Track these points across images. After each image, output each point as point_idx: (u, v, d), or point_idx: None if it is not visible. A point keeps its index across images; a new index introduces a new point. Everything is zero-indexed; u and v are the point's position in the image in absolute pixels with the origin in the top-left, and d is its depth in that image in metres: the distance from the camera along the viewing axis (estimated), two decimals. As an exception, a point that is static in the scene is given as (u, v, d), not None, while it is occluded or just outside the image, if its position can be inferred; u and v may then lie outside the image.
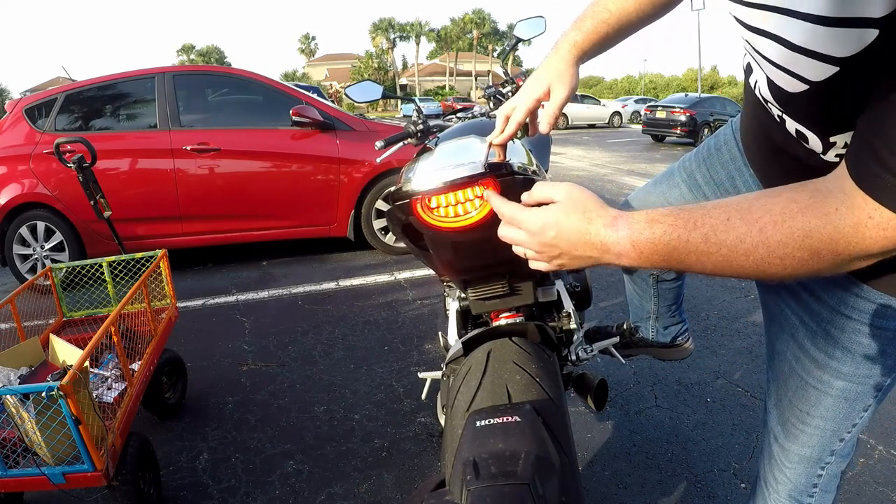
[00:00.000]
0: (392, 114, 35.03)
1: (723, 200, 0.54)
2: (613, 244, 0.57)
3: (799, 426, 0.77)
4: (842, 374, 0.70)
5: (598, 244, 0.58)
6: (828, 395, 0.72)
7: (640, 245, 0.55)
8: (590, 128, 19.62)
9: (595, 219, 0.58)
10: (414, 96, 37.97)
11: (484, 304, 1.08)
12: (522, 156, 1.02)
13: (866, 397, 0.71)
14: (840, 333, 0.69)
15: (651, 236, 0.54)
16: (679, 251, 0.53)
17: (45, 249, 3.49)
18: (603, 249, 0.58)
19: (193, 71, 4.37)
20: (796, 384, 0.76)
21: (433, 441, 1.78)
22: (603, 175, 7.69)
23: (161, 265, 1.93)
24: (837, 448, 0.77)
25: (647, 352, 1.53)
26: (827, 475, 0.80)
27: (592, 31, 0.83)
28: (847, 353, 0.69)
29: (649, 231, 0.54)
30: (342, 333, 2.64)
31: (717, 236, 0.51)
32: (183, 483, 1.63)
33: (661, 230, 0.54)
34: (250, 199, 3.69)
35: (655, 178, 1.17)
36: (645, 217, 0.55)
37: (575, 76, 0.83)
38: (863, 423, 0.74)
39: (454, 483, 0.69)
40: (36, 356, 1.65)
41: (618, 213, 0.58)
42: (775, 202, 0.51)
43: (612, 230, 0.57)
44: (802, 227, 0.49)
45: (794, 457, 0.80)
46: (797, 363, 0.75)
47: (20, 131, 3.54)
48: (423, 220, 0.89)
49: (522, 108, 0.84)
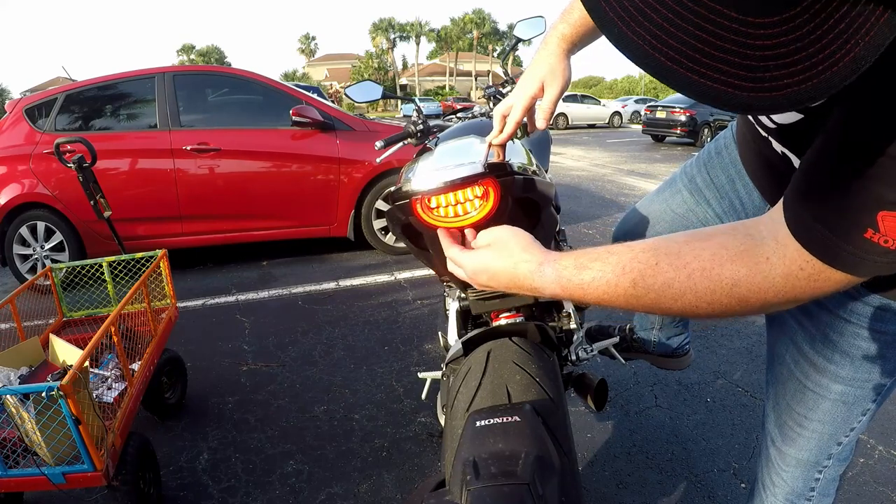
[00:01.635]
0: (392, 114, 35.03)
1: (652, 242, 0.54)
2: (542, 288, 0.58)
3: (796, 429, 0.77)
4: (840, 378, 0.70)
5: (529, 287, 0.59)
6: (826, 399, 0.72)
7: (570, 289, 0.56)
8: (590, 128, 19.62)
9: (520, 264, 0.60)
10: (414, 96, 37.95)
11: (484, 304, 1.08)
12: (522, 156, 1.02)
13: (865, 401, 0.71)
14: (839, 337, 0.68)
15: (580, 282, 0.55)
16: (609, 294, 0.53)
17: (45, 249, 3.49)
18: (536, 291, 0.59)
19: (193, 71, 4.37)
20: (794, 387, 0.75)
21: (433, 441, 1.78)
22: (603, 175, 7.69)
23: (161, 265, 1.93)
24: (835, 452, 0.76)
25: (646, 358, 1.52)
26: (824, 479, 0.79)
27: (580, 22, 0.82)
28: (846, 356, 0.68)
29: (577, 277, 0.55)
30: (342, 333, 2.64)
31: (645, 281, 0.51)
32: (183, 483, 1.63)
33: (590, 276, 0.54)
34: (250, 199, 3.69)
35: (659, 186, 1.17)
36: (573, 262, 0.56)
37: (567, 69, 0.83)
38: (861, 427, 0.74)
39: (454, 483, 0.69)
40: (36, 356, 1.65)
41: (544, 258, 0.59)
42: (705, 247, 0.50)
43: (538, 276, 0.58)
44: (731, 276, 0.48)
45: (791, 460, 0.79)
46: (796, 367, 0.74)
47: (20, 131, 3.54)
48: (423, 219, 0.89)
49: (519, 106, 0.83)
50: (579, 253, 0.57)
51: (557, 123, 18.77)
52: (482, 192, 0.87)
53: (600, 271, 0.54)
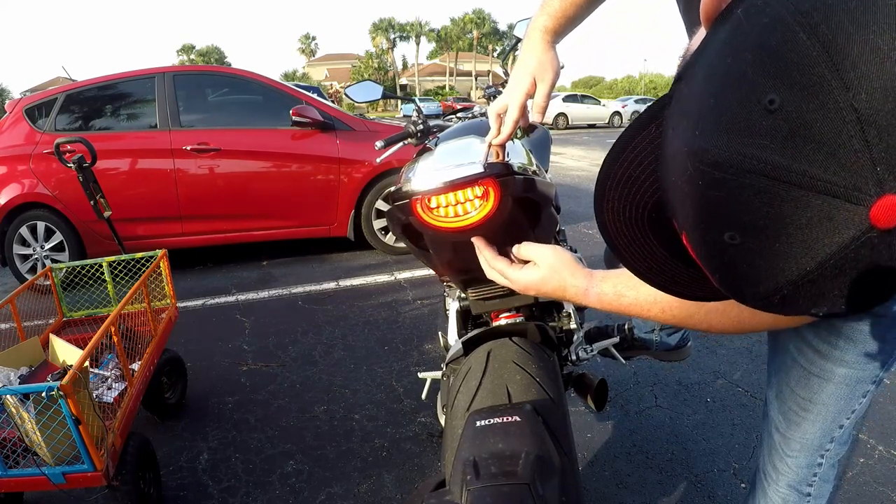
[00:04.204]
0: (392, 114, 35.03)
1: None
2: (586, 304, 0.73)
3: (801, 413, 0.79)
4: (844, 362, 0.72)
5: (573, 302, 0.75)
6: (830, 383, 0.74)
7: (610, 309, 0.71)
8: (590, 128, 19.61)
9: (569, 288, 0.73)
10: (414, 96, 37.94)
11: (484, 304, 1.08)
12: (522, 156, 1.02)
13: (866, 383, 0.74)
14: (842, 322, 0.71)
15: (619, 305, 0.69)
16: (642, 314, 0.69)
17: (45, 249, 3.49)
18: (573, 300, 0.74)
19: (193, 71, 4.37)
20: (798, 374, 0.77)
21: (433, 441, 1.78)
22: (603, 175, 7.68)
23: (161, 265, 1.93)
24: (837, 435, 0.79)
25: (648, 354, 1.54)
26: (826, 463, 0.82)
27: (560, 12, 0.84)
28: (849, 341, 0.71)
29: (616, 302, 0.69)
30: (342, 333, 2.64)
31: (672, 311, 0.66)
32: (183, 483, 1.63)
33: (627, 302, 0.69)
34: (250, 199, 3.69)
35: None
36: (612, 291, 0.69)
37: (555, 59, 0.85)
38: (861, 409, 0.76)
39: (454, 483, 0.69)
40: (36, 356, 1.65)
41: (588, 284, 0.72)
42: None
43: (583, 298, 0.72)
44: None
45: (796, 444, 0.81)
46: (799, 354, 0.76)
47: (20, 131, 3.54)
48: (424, 220, 0.89)
49: (515, 105, 0.84)
50: (615, 281, 0.70)
51: (557, 123, 18.76)
52: (482, 193, 0.87)
53: (635, 300, 0.68)
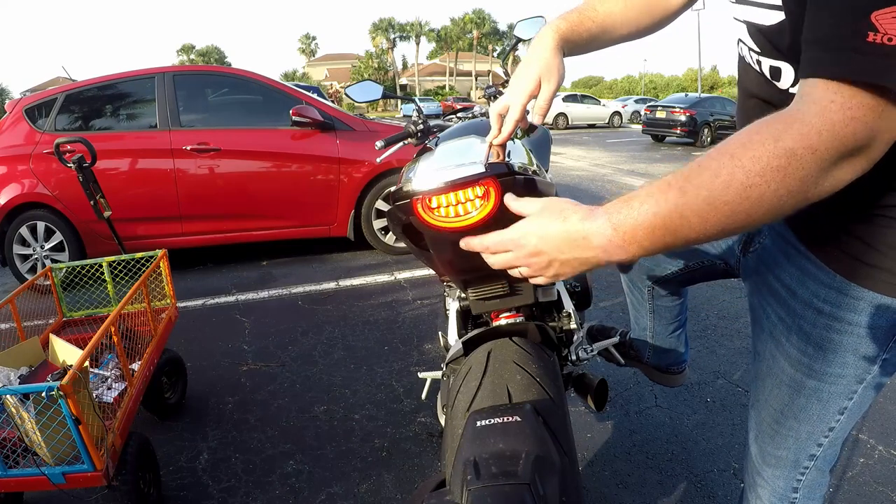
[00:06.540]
0: (392, 114, 35.02)
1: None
2: (595, 234, 0.57)
3: (774, 426, 0.77)
4: (813, 373, 0.71)
5: (580, 238, 0.58)
6: (800, 395, 0.73)
7: (623, 226, 0.55)
8: (590, 128, 19.62)
9: (571, 215, 0.59)
10: (414, 96, 37.94)
11: (484, 304, 1.08)
12: (523, 156, 1.02)
13: (840, 399, 0.71)
14: (811, 328, 0.70)
15: (629, 212, 0.55)
16: (660, 216, 0.53)
17: (45, 249, 3.49)
18: (587, 243, 0.58)
19: (193, 71, 4.37)
20: (772, 384, 0.76)
21: (433, 441, 1.78)
22: (603, 175, 7.69)
23: (161, 265, 1.93)
24: (816, 453, 0.76)
25: (640, 367, 1.48)
26: (807, 481, 0.78)
27: (577, 23, 0.83)
28: (819, 349, 0.69)
29: (627, 209, 0.55)
30: (342, 333, 2.64)
31: (692, 182, 0.52)
32: (183, 483, 1.63)
33: (639, 202, 0.55)
34: (250, 199, 3.69)
35: None
36: (619, 200, 0.57)
37: (561, 64, 0.82)
38: (840, 428, 0.74)
39: (454, 483, 0.69)
40: (36, 356, 1.65)
41: (592, 207, 0.59)
42: (739, 134, 0.53)
43: (589, 221, 0.58)
44: (771, 133, 0.50)
45: (771, 458, 0.79)
46: (773, 361, 0.76)
47: (20, 131, 3.54)
48: (424, 220, 0.89)
49: (517, 105, 0.83)
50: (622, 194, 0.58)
51: (557, 123, 18.76)
52: (483, 192, 0.86)
53: (647, 193, 0.54)
